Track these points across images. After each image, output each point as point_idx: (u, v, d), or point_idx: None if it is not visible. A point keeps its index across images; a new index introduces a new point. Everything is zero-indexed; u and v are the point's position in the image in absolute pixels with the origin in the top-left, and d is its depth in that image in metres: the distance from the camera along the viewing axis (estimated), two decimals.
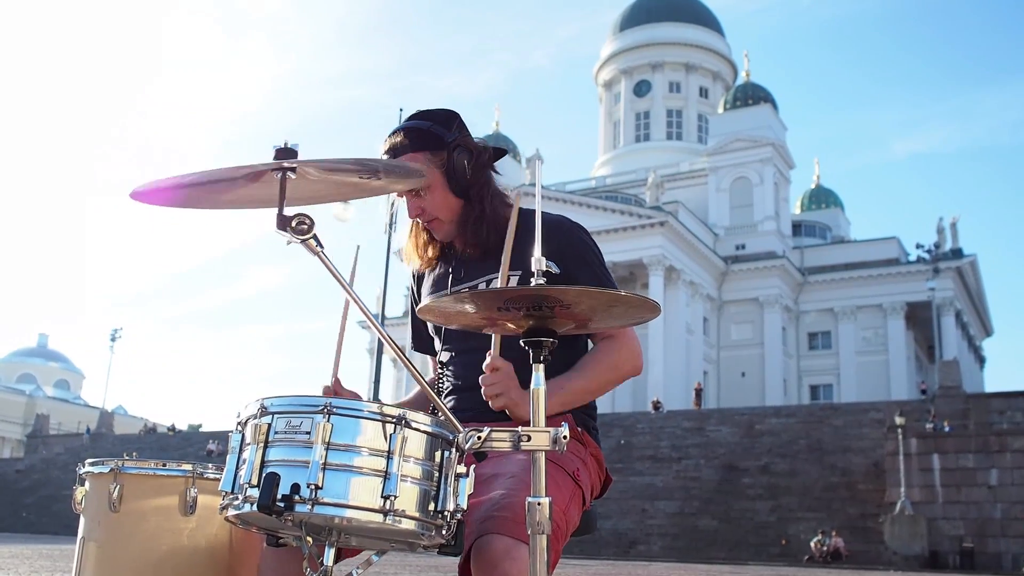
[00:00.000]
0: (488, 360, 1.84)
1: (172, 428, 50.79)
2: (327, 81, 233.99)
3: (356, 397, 1.74)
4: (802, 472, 29.93)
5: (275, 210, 1.57)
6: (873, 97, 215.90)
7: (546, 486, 1.67)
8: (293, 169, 1.53)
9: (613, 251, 51.71)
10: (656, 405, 41.12)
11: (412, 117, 2.16)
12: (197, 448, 40.55)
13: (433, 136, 2.11)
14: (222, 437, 39.84)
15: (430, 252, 2.27)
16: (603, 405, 2.34)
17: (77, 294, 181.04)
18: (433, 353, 2.31)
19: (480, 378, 1.87)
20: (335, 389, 1.94)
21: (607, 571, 16.22)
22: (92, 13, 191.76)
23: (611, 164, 70.69)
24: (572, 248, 2.11)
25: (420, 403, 2.18)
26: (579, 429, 2.08)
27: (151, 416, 74.86)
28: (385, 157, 2.12)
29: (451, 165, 2.11)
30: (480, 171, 2.15)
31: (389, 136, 2.14)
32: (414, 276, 2.36)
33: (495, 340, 1.84)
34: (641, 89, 71.48)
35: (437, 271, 2.28)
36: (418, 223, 2.24)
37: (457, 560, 1.67)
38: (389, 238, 22.78)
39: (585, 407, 2.14)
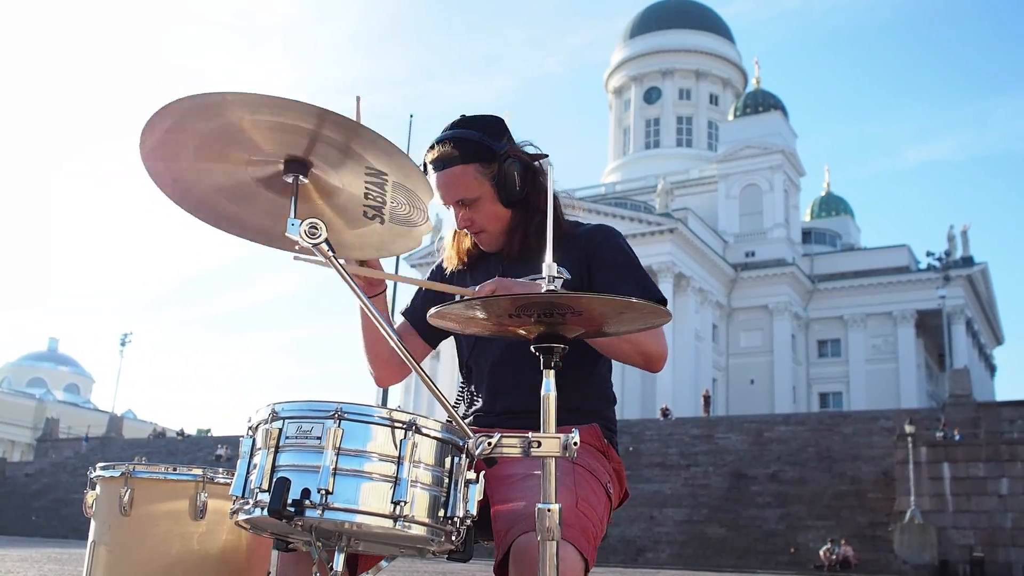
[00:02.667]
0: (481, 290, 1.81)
1: (181, 433, 50.79)
2: (339, 87, 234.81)
3: None
4: (811, 480, 29.82)
5: (270, 248, 1.57)
6: (884, 105, 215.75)
7: (585, 494, 1.78)
8: (306, 172, 1.54)
9: None
10: (665, 412, 41.04)
11: (456, 124, 2.08)
12: (206, 453, 40.61)
13: (484, 148, 2.05)
14: (231, 442, 39.90)
15: (469, 258, 2.23)
16: None
17: (87, 298, 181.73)
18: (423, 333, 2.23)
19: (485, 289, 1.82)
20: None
21: None
22: (108, 20, 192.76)
23: (621, 171, 70.67)
24: (601, 252, 2.08)
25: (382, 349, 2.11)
26: (605, 442, 2.06)
27: (160, 420, 75.12)
28: (431, 168, 2.07)
29: (502, 177, 2.05)
30: (534, 179, 2.10)
31: (436, 144, 2.06)
32: (443, 270, 2.29)
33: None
34: (651, 96, 71.49)
35: (479, 272, 2.20)
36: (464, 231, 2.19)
37: (464, 565, 1.67)
38: None
39: (608, 420, 2.12)
